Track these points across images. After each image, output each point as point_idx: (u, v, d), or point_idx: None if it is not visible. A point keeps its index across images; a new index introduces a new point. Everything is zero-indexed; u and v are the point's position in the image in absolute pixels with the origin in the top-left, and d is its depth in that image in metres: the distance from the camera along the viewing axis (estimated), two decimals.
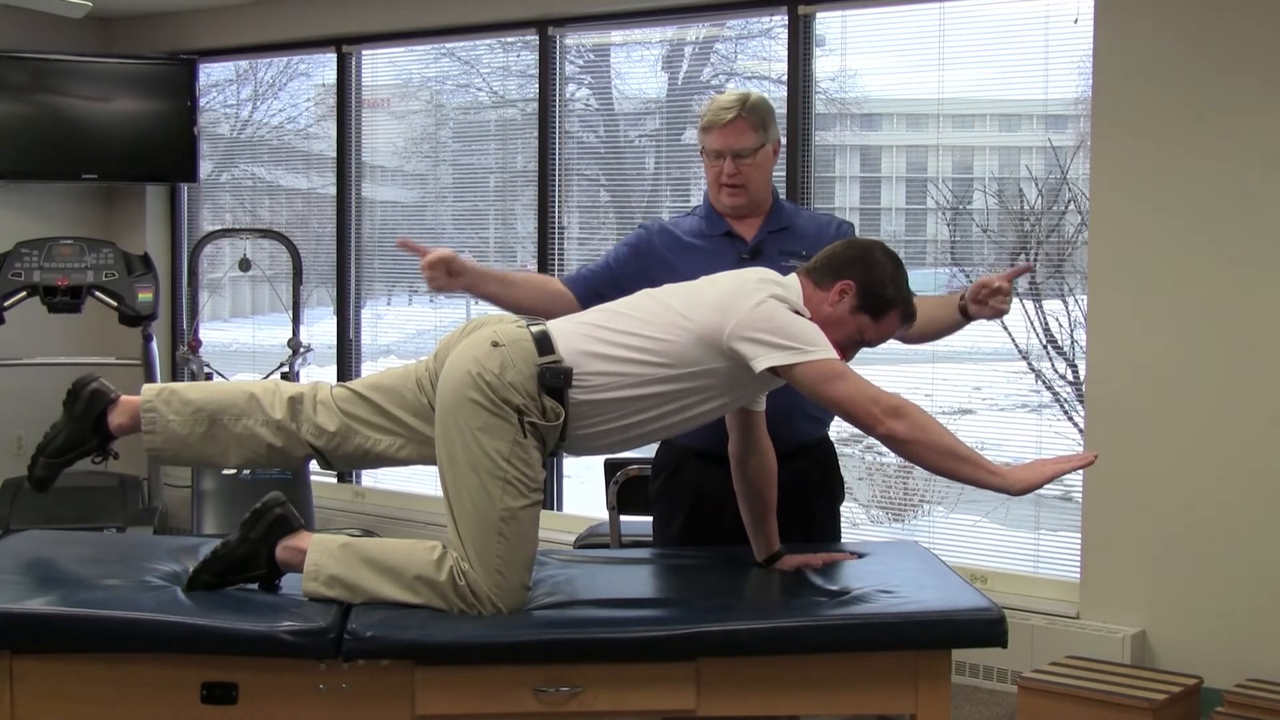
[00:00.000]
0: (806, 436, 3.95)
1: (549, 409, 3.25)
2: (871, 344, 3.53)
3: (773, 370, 3.22)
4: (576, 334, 3.35)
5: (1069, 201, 6.08)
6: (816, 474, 4.00)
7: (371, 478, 8.15)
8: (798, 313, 3.31)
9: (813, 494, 3.97)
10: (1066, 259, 6.11)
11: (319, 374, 8.21)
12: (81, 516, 7.29)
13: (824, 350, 3.23)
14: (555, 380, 3.25)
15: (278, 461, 3.45)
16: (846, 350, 3.52)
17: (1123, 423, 5.62)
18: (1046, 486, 3.23)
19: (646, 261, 3.95)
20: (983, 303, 3.79)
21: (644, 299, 3.49)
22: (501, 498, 3.20)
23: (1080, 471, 5.70)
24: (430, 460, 3.36)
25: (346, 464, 3.52)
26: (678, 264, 3.85)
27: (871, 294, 3.42)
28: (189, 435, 3.43)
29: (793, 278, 3.45)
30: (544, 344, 3.29)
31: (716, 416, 3.44)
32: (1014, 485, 3.18)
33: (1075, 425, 6.02)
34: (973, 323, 3.90)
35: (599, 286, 3.90)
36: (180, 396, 3.45)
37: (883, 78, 6.67)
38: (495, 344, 3.27)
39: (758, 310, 3.26)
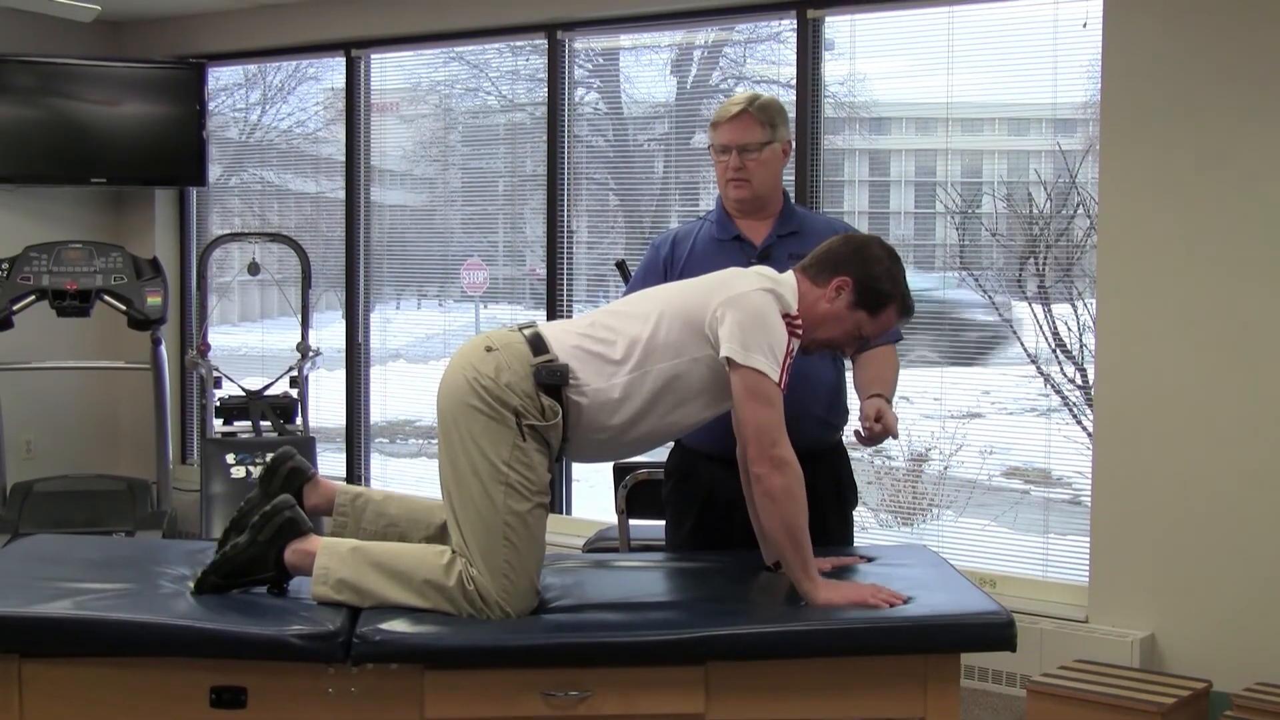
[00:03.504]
0: (818, 441, 3.95)
1: (547, 408, 3.26)
2: (870, 339, 3.55)
3: (727, 360, 3.25)
4: (569, 333, 3.38)
5: (1078, 205, 6.07)
6: (828, 479, 4.00)
7: (380, 481, 8.16)
8: (786, 314, 3.32)
9: (824, 499, 3.97)
10: (1075, 263, 6.10)
11: (328, 378, 8.22)
12: (90, 520, 7.30)
13: (770, 368, 3.25)
14: (552, 378, 3.27)
15: None
16: (845, 346, 3.54)
17: (1131, 426, 5.61)
18: (1055, 492, 3.26)
19: (661, 275, 3.98)
20: (862, 421, 3.75)
21: (636, 295, 3.57)
22: (505, 502, 3.21)
23: (1089, 476, 5.72)
24: None
25: None
26: (688, 270, 3.87)
27: (868, 289, 3.43)
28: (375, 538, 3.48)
29: (789, 275, 3.46)
30: (537, 345, 3.31)
31: (714, 414, 3.44)
32: (816, 596, 3.29)
33: (1084, 429, 6.01)
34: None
35: None
36: (375, 507, 3.54)
37: (891, 82, 6.66)
38: (489, 348, 3.30)
39: (748, 297, 3.29)
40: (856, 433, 3.75)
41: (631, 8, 6.98)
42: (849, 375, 4.05)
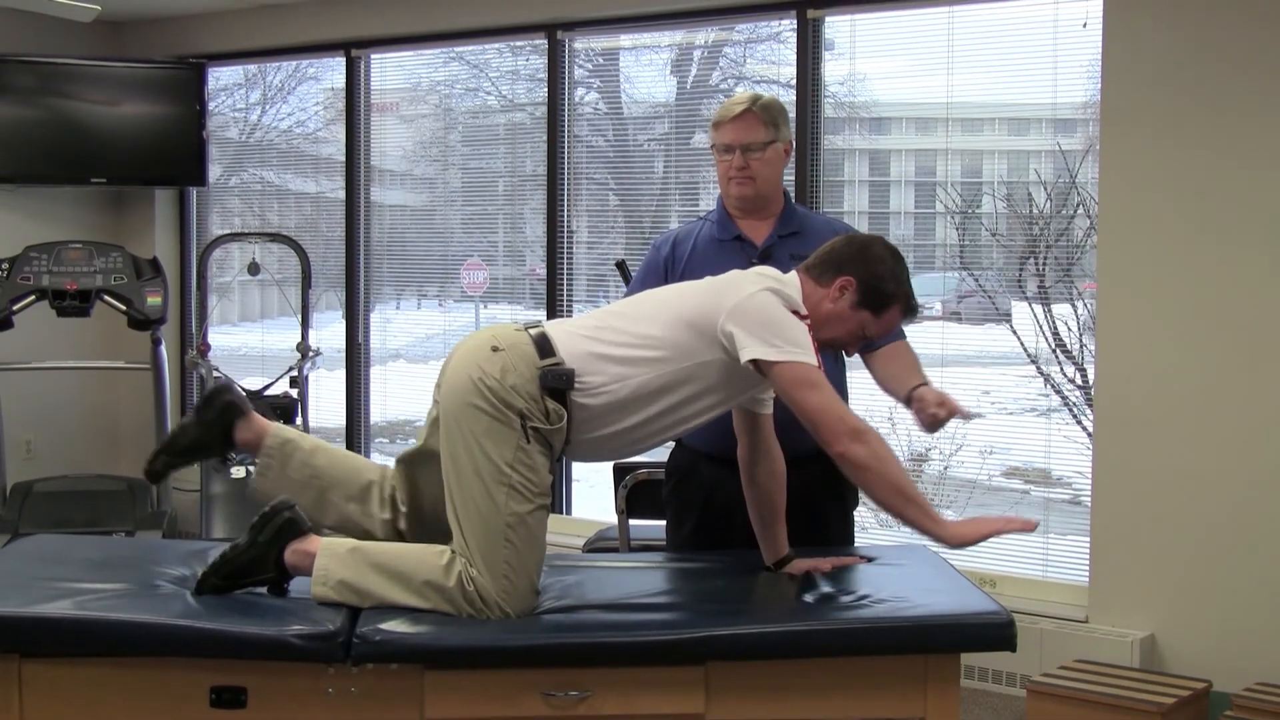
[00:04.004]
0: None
1: (552, 411, 3.25)
2: (874, 339, 3.55)
3: (755, 364, 3.23)
4: (575, 335, 3.36)
5: (1078, 205, 6.07)
6: (830, 479, 3.99)
7: None
8: (795, 311, 3.31)
9: (826, 499, 3.97)
10: (1075, 263, 6.10)
11: (328, 378, 8.22)
12: (90, 520, 7.30)
13: (805, 355, 3.24)
14: (557, 382, 3.26)
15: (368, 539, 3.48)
16: (849, 346, 3.53)
17: (1132, 426, 5.61)
18: (1055, 492, 3.25)
19: (661, 276, 3.97)
20: (922, 410, 3.68)
21: (642, 297, 3.55)
22: (506, 503, 3.21)
23: (1089, 476, 5.72)
24: None
25: (431, 537, 3.49)
26: (690, 271, 3.87)
27: (872, 289, 3.42)
28: (296, 495, 3.47)
29: (792, 275, 3.46)
30: (544, 347, 3.29)
31: (717, 414, 3.43)
32: (952, 538, 3.22)
33: (1084, 429, 6.01)
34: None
35: None
36: (302, 456, 3.51)
37: (892, 82, 6.66)
38: (495, 349, 3.28)
39: (751, 300, 3.28)
40: (922, 421, 3.68)
41: (631, 8, 6.98)
42: (851, 377, 4.05)
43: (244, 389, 7.60)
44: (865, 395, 4.14)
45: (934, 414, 3.64)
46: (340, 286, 8.23)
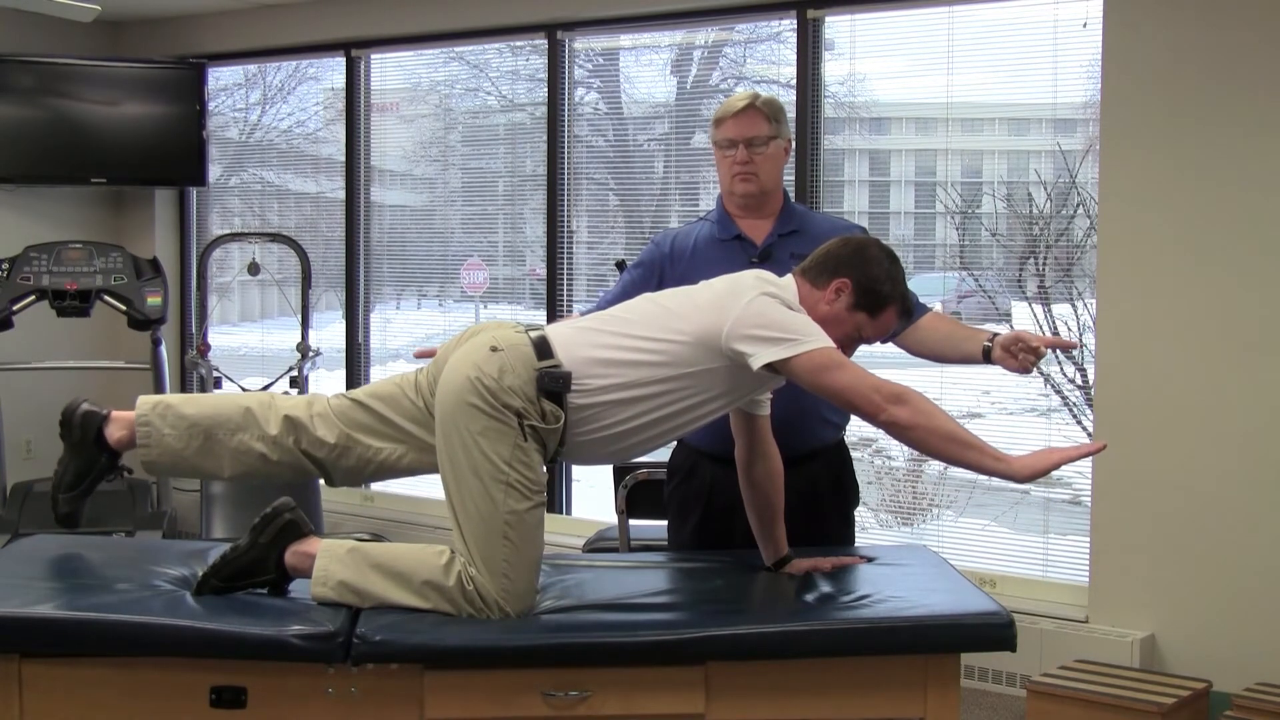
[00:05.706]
0: (820, 440, 3.95)
1: (548, 413, 3.25)
2: (869, 341, 3.54)
3: (770, 367, 3.22)
4: (575, 339, 3.35)
5: (1078, 205, 6.07)
6: (830, 479, 4.00)
7: (380, 482, 8.14)
8: (791, 309, 3.31)
9: (826, 499, 3.97)
10: (1075, 263, 6.10)
11: (328, 378, 8.23)
12: (90, 521, 7.18)
13: (819, 340, 3.23)
14: (554, 385, 3.25)
15: (276, 475, 3.43)
16: (845, 348, 3.53)
17: (1131, 426, 5.61)
18: (1055, 492, 3.23)
19: (660, 274, 3.98)
20: (1013, 355, 3.73)
21: (642, 303, 3.51)
22: (505, 501, 3.20)
23: (1089, 476, 5.71)
24: (431, 468, 3.37)
25: (348, 478, 3.51)
26: (689, 271, 3.86)
27: (868, 291, 3.42)
28: (184, 449, 3.44)
29: (788, 278, 3.45)
30: (543, 349, 3.29)
31: (716, 416, 3.43)
32: (1019, 472, 3.20)
33: (1084, 429, 6.01)
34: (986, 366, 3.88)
35: None
36: (175, 411, 3.46)
37: (891, 82, 6.66)
38: (494, 349, 3.28)
39: (749, 308, 3.27)
40: (1019, 365, 3.75)
41: (631, 8, 6.98)
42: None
43: (244, 389, 7.62)
44: None
45: (1035, 349, 3.72)
46: (340, 286, 8.23)
